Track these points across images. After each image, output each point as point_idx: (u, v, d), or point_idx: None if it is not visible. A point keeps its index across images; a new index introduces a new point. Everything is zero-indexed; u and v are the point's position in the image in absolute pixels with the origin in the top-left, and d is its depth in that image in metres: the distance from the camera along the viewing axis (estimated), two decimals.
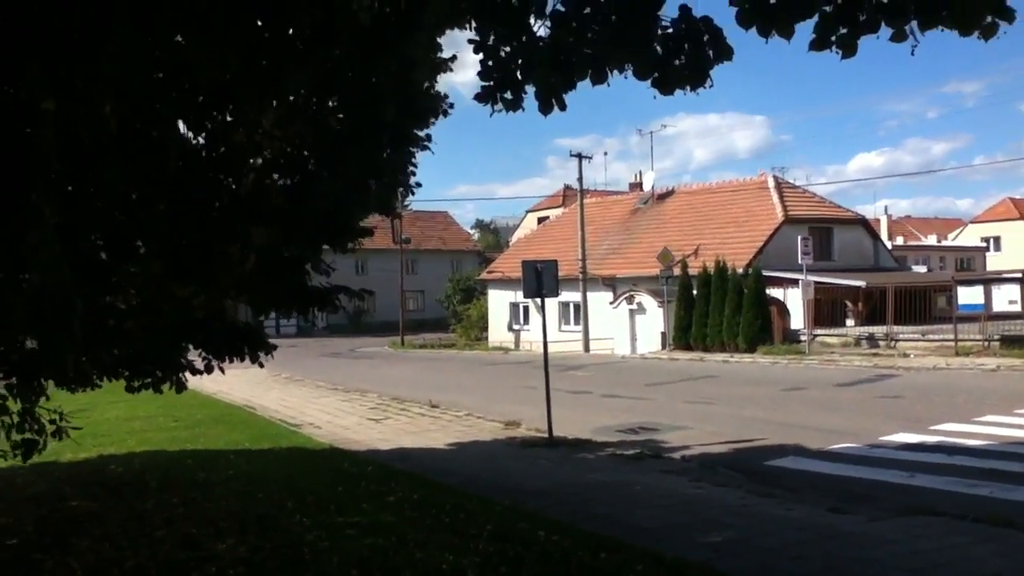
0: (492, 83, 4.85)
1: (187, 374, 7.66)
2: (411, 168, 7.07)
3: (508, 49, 4.81)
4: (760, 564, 6.24)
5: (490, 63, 4.83)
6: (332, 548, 6.49)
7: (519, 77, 4.83)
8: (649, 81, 4.50)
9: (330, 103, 5.69)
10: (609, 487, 9.40)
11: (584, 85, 4.69)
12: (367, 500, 8.50)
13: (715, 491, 9.08)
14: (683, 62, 4.43)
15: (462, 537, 6.84)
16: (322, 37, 4.26)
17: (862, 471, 10.17)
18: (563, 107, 4.75)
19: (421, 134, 6.57)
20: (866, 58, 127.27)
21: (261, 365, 7.79)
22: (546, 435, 13.03)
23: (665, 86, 4.48)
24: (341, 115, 5.76)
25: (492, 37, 4.83)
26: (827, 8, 4.06)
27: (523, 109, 4.96)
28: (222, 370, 7.59)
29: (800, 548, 6.65)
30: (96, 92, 4.14)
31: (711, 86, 4.50)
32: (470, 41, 4.85)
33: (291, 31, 4.21)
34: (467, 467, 10.98)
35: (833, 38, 4.12)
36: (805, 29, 4.22)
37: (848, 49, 4.15)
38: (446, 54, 6.73)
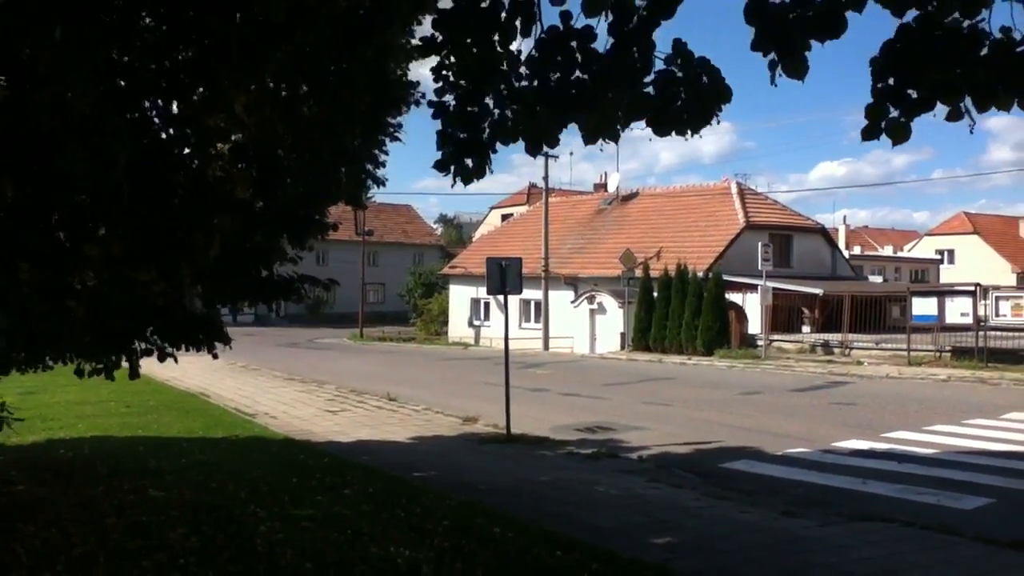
0: (453, 148, 4.43)
1: (140, 360, 7.51)
2: (381, 158, 7.02)
3: (475, 108, 4.40)
4: (715, 566, 6.30)
5: (449, 128, 4.43)
6: (286, 540, 6.43)
7: (485, 139, 4.42)
8: (644, 121, 4.17)
9: (303, 89, 5.62)
10: (566, 485, 9.42)
11: None
12: (322, 492, 8.43)
13: (671, 492, 9.15)
14: (680, 104, 4.18)
15: (418, 532, 6.81)
16: (299, 20, 4.18)
17: (815, 476, 10.31)
18: (553, 145, 4.38)
19: (393, 121, 6.51)
20: (832, 69, 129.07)
21: (215, 356, 7.68)
22: (504, 432, 13.03)
23: (660, 126, 4.18)
24: (312, 101, 5.69)
25: (453, 100, 4.41)
26: (878, 86, 3.77)
27: (491, 171, 4.55)
28: (175, 358, 7.48)
29: (754, 551, 6.72)
30: (56, 79, 4.02)
31: (718, 122, 4.21)
32: (430, 104, 4.37)
33: (267, 15, 4.13)
34: (424, 462, 10.94)
35: (883, 124, 3.81)
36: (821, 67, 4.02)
37: (899, 134, 3.81)
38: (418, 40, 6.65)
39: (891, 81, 3.76)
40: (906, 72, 3.72)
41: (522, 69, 4.28)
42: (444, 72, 4.32)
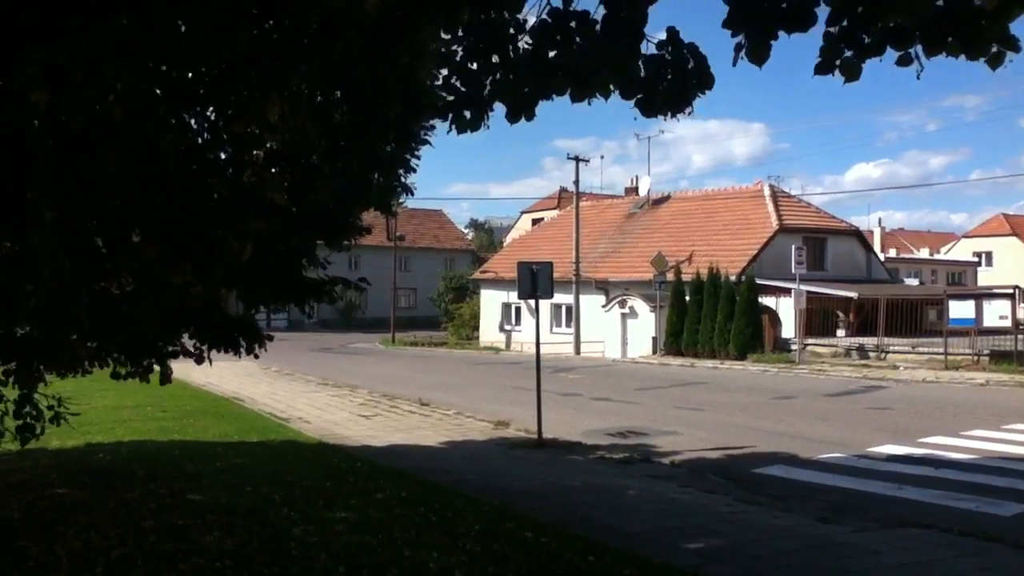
0: (455, 99, 4.80)
1: (172, 364, 7.59)
2: (412, 164, 7.07)
3: (477, 65, 4.75)
4: (747, 572, 6.25)
5: (455, 78, 4.79)
6: (320, 543, 6.48)
7: (485, 95, 4.77)
8: (633, 102, 4.49)
9: (334, 96, 5.68)
10: (597, 490, 9.40)
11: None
12: (356, 496, 8.49)
13: (703, 497, 9.10)
14: (666, 87, 4.41)
15: (450, 536, 6.83)
16: (328, 30, 4.24)
17: (850, 482, 10.20)
18: (531, 117, 4.73)
19: (425, 125, 6.58)
20: (867, 70, 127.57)
21: (256, 356, 7.77)
22: (535, 436, 13.03)
23: (649, 108, 4.47)
24: (344, 108, 5.76)
25: (461, 52, 4.75)
26: (832, 30, 4.00)
27: (487, 127, 4.95)
28: (210, 361, 7.57)
29: (787, 557, 6.66)
30: (94, 84, 4.10)
31: (691, 113, 4.53)
32: (440, 54, 4.83)
33: (297, 22, 4.20)
34: (456, 466, 10.97)
35: (838, 62, 4.06)
36: (805, 48, 4.18)
37: (852, 73, 4.08)
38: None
39: (845, 23, 3.98)
40: (862, 15, 3.90)
41: (526, 41, 4.56)
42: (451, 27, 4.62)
